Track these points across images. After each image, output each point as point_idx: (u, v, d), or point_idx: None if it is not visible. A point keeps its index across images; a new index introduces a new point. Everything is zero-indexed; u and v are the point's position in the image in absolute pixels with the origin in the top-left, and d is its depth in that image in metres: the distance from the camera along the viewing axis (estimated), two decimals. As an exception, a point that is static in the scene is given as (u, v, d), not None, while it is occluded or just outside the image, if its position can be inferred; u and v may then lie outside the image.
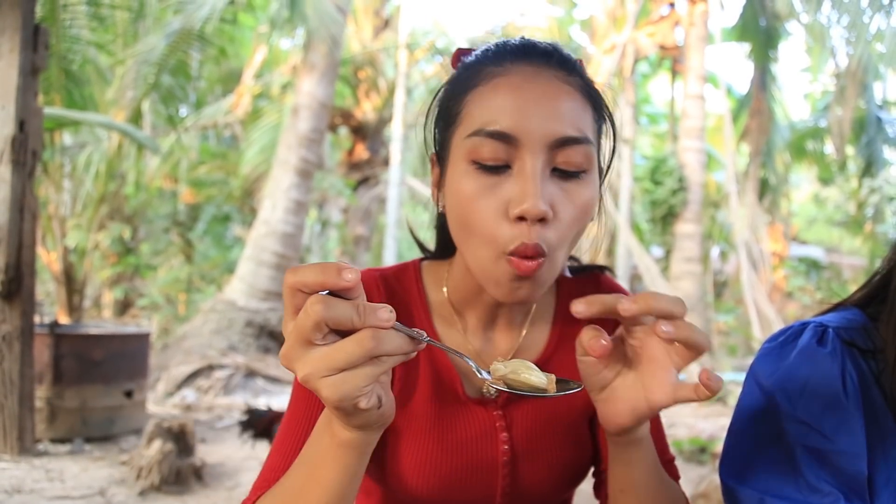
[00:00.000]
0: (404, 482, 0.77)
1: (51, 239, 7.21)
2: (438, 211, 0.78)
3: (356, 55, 9.74)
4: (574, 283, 0.88)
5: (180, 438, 3.42)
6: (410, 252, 11.20)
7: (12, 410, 3.50)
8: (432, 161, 0.79)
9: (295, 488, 0.62)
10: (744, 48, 10.21)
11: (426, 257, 0.89)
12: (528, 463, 0.79)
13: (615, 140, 0.79)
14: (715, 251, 11.96)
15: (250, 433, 3.06)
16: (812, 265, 10.85)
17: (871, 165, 9.86)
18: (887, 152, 10.11)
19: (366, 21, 10.10)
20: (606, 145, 0.78)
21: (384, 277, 0.83)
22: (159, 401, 5.43)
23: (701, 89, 8.90)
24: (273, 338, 6.78)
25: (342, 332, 0.50)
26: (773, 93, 10.15)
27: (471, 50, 0.77)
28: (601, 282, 0.89)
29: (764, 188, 10.49)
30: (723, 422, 5.16)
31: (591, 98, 0.73)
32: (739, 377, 6.38)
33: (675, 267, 8.73)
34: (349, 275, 0.48)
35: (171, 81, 7.26)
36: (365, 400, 0.51)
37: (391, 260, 8.10)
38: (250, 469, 3.67)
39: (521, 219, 0.65)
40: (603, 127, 0.76)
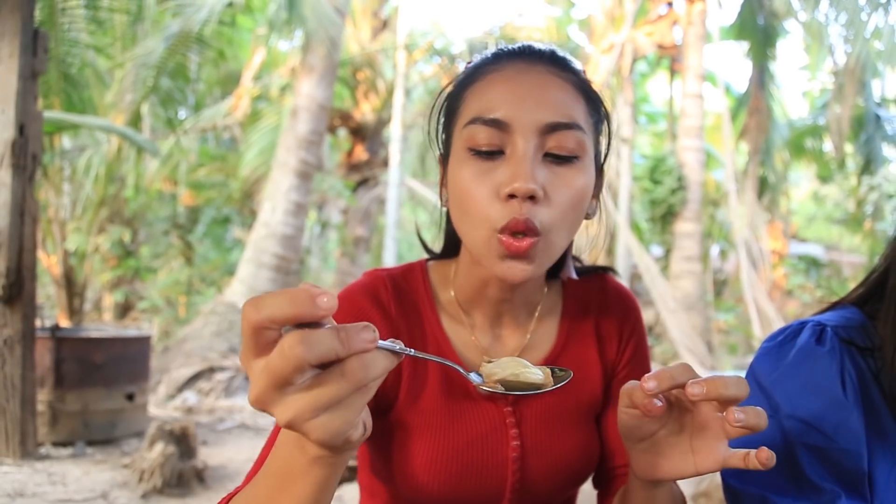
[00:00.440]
0: (415, 480, 0.77)
1: (51, 242, 7.22)
2: (443, 208, 0.81)
3: (355, 56, 9.72)
4: (580, 284, 0.89)
5: (182, 441, 3.42)
6: (410, 253, 11.19)
7: (14, 414, 3.50)
8: (439, 162, 0.81)
9: (265, 499, 0.55)
10: (742, 47, 10.21)
11: (432, 257, 0.90)
12: (538, 459, 0.80)
13: (610, 136, 0.80)
14: (715, 250, 11.94)
15: None
16: (812, 263, 10.84)
17: (870, 163, 9.85)
18: (886, 150, 10.10)
19: (364, 22, 10.09)
20: (603, 142, 0.79)
21: (392, 277, 0.84)
22: (160, 403, 5.42)
23: (699, 88, 8.89)
24: (274, 339, 6.74)
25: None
26: (772, 91, 10.15)
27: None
28: (607, 283, 0.90)
29: (763, 186, 10.48)
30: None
31: (585, 92, 0.75)
32: (740, 375, 6.36)
33: (675, 266, 8.72)
34: (324, 300, 0.42)
35: (170, 84, 7.27)
36: (355, 432, 0.48)
37: (391, 260, 8.09)
38: (252, 471, 3.67)
39: (512, 196, 0.67)
40: (599, 124, 0.77)
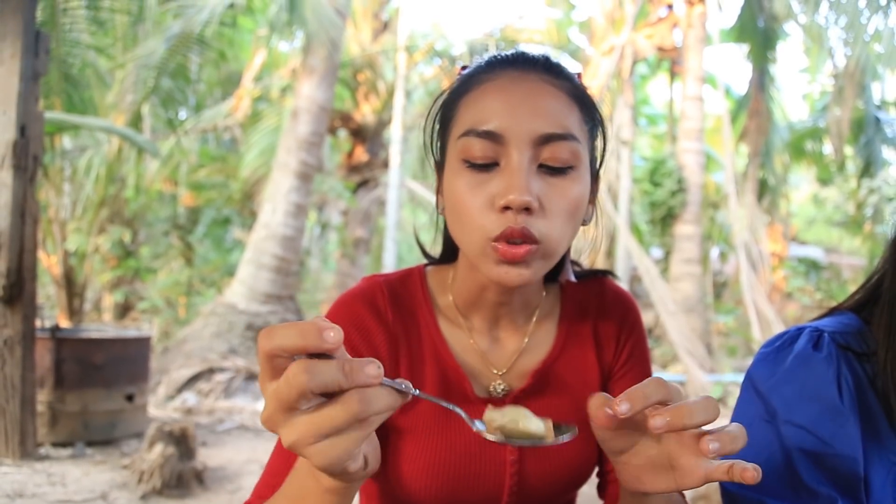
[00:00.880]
0: (410, 484, 0.77)
1: (51, 242, 7.22)
2: (440, 215, 0.81)
3: (355, 58, 9.72)
4: (578, 287, 0.89)
5: (181, 442, 3.42)
6: (410, 254, 11.19)
7: (14, 415, 3.50)
8: (435, 169, 0.82)
9: None
10: (742, 49, 10.20)
11: (431, 262, 0.91)
12: (536, 462, 0.80)
13: (605, 141, 0.80)
14: (714, 252, 11.93)
15: None
16: (811, 265, 10.82)
17: (870, 165, 9.85)
18: (886, 152, 10.10)
19: (365, 24, 10.09)
20: (598, 148, 0.79)
21: (388, 283, 0.84)
22: (160, 404, 5.43)
23: (699, 90, 8.88)
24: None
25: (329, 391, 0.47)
26: (772, 93, 10.15)
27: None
28: (605, 286, 0.90)
29: (763, 189, 10.48)
30: (722, 423, 5.14)
31: (579, 100, 0.74)
32: (739, 378, 6.37)
33: (675, 268, 8.72)
34: (331, 334, 0.45)
35: (171, 85, 7.26)
36: (353, 463, 0.51)
37: (391, 262, 8.09)
38: (251, 472, 3.68)
39: (507, 208, 0.68)
40: (594, 130, 0.77)
